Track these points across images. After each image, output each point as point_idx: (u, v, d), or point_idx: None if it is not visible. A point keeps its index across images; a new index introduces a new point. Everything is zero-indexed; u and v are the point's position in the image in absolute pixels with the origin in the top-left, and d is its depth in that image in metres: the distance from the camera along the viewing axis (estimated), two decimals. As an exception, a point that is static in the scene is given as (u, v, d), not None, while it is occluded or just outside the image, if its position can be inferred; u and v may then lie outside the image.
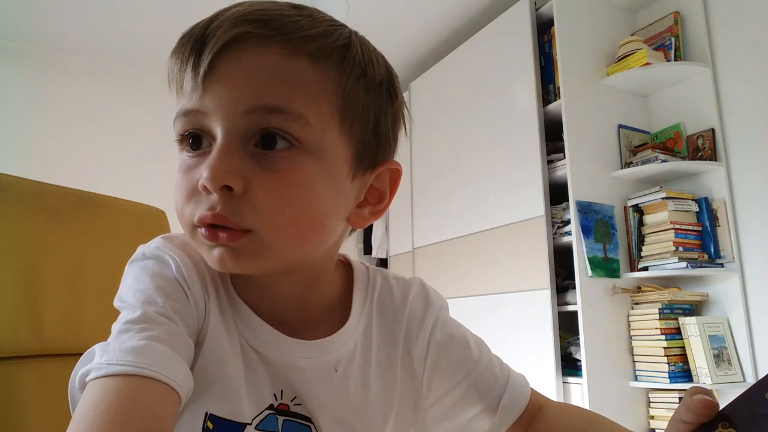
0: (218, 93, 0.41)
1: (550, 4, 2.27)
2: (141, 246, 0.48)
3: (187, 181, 0.43)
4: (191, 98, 0.43)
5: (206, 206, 0.41)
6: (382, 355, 0.53)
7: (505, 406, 0.54)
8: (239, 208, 0.41)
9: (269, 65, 0.41)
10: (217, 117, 0.42)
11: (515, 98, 2.36)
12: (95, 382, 0.37)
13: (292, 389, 0.48)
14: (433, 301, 0.57)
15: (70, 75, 3.02)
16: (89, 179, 1.71)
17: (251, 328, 0.48)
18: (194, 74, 0.42)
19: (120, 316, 0.42)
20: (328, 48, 0.43)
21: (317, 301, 0.51)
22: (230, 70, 0.41)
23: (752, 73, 2.06)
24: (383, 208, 0.51)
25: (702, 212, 2.08)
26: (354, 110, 0.45)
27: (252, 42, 0.41)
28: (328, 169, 0.44)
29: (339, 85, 0.44)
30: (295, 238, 0.44)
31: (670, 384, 1.91)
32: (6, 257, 0.63)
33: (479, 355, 0.56)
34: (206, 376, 0.45)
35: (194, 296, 0.45)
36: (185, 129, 0.44)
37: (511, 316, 2.24)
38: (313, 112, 0.42)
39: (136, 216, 0.80)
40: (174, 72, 0.45)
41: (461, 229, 2.58)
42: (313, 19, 0.44)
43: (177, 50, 0.45)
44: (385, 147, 0.49)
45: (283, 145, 0.41)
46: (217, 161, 0.40)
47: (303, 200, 0.42)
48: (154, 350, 0.38)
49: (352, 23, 0.50)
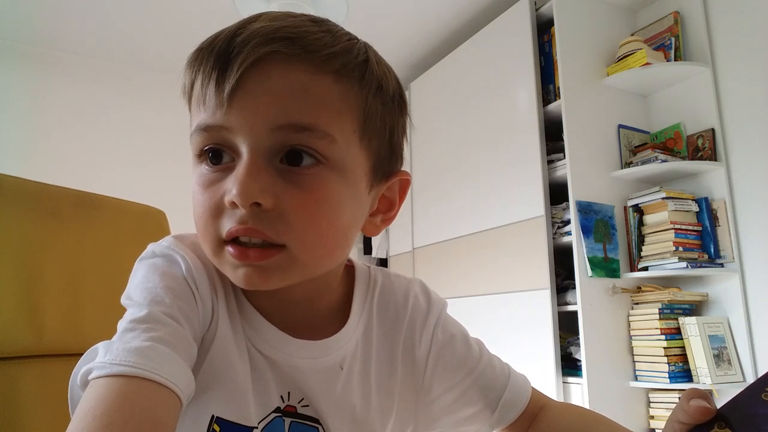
0: (244, 110, 0.41)
1: (550, 4, 2.27)
2: (151, 244, 0.48)
3: (210, 197, 0.43)
4: (214, 114, 0.42)
5: (236, 221, 0.41)
6: (383, 352, 0.54)
7: (505, 405, 0.55)
8: (272, 223, 0.41)
9: (295, 83, 0.41)
10: (243, 134, 0.41)
11: (515, 98, 2.36)
12: (97, 381, 0.37)
13: (299, 391, 0.48)
14: (435, 301, 0.58)
15: (70, 75, 3.02)
16: (89, 179, 1.71)
17: (257, 331, 0.48)
18: (219, 90, 0.41)
19: (126, 314, 0.42)
20: (350, 65, 0.44)
21: (324, 304, 0.52)
22: (257, 88, 0.41)
23: (752, 73, 2.06)
24: (393, 215, 0.52)
25: (702, 212, 2.08)
26: (373, 125, 0.46)
27: (278, 60, 0.41)
28: (351, 184, 0.45)
29: (360, 101, 0.45)
30: (323, 254, 0.45)
31: (670, 384, 1.91)
32: (6, 257, 0.63)
33: (480, 354, 0.57)
34: (213, 378, 0.45)
35: (202, 297, 0.45)
36: (206, 144, 0.43)
37: (511, 316, 2.24)
38: (337, 128, 0.43)
39: (136, 216, 0.80)
40: (194, 85, 0.44)
41: (461, 229, 2.58)
42: (334, 34, 0.44)
43: (197, 62, 0.43)
44: (398, 158, 0.51)
45: (309, 161, 0.42)
46: (246, 177, 0.40)
47: (331, 216, 0.43)
48: (157, 352, 0.38)
49: (352, 23, 0.50)
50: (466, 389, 0.55)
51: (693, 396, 0.36)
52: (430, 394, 0.55)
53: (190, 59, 0.44)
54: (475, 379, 0.55)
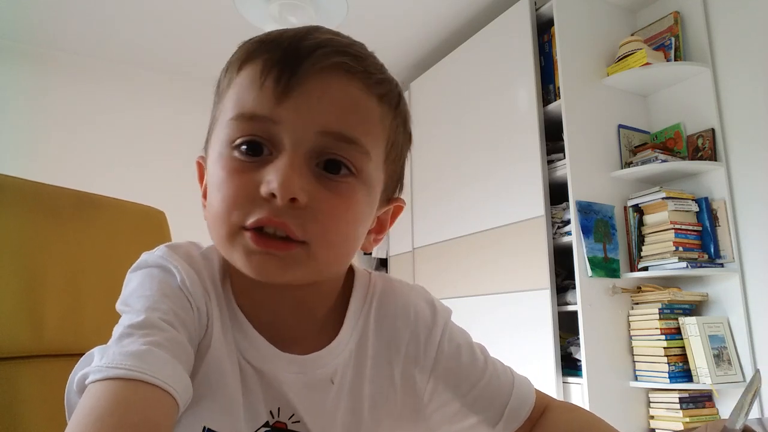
0: (299, 108, 0.43)
1: (550, 4, 2.27)
2: (145, 253, 0.48)
3: (241, 184, 0.43)
4: (266, 105, 0.43)
5: (269, 212, 0.41)
6: (379, 363, 0.53)
7: (510, 413, 0.54)
8: (303, 220, 0.42)
9: (351, 97, 0.45)
10: (291, 130, 0.43)
11: (515, 98, 2.36)
12: (93, 385, 0.36)
13: (289, 406, 0.48)
14: (440, 311, 0.57)
15: (70, 75, 3.02)
16: (89, 179, 1.71)
17: (248, 341, 0.48)
18: (278, 83, 0.43)
19: (122, 320, 0.42)
20: (391, 93, 0.48)
21: (319, 312, 0.52)
22: (317, 91, 0.43)
23: (752, 73, 2.06)
24: (382, 237, 0.54)
25: (702, 212, 2.08)
26: (395, 151, 0.50)
27: (342, 72, 0.44)
28: (371, 200, 0.48)
29: (392, 127, 0.49)
30: (339, 255, 0.47)
31: (670, 384, 1.91)
32: (6, 257, 0.63)
33: (485, 364, 0.56)
34: (207, 388, 0.44)
35: (198, 306, 0.45)
36: (248, 133, 0.43)
37: (511, 316, 2.24)
38: (373, 147, 0.46)
39: (136, 216, 0.80)
40: (244, 71, 0.45)
41: (461, 229, 2.58)
42: (378, 63, 0.49)
43: (257, 51, 0.45)
44: (402, 186, 0.55)
45: (345, 171, 0.45)
46: (290, 172, 0.41)
47: (355, 224, 0.46)
48: (154, 356, 0.38)
49: (352, 23, 0.51)
50: (471, 399, 0.54)
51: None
52: (433, 404, 0.54)
53: (246, 47, 0.46)
54: (480, 389, 0.54)
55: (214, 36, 2.82)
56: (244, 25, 2.46)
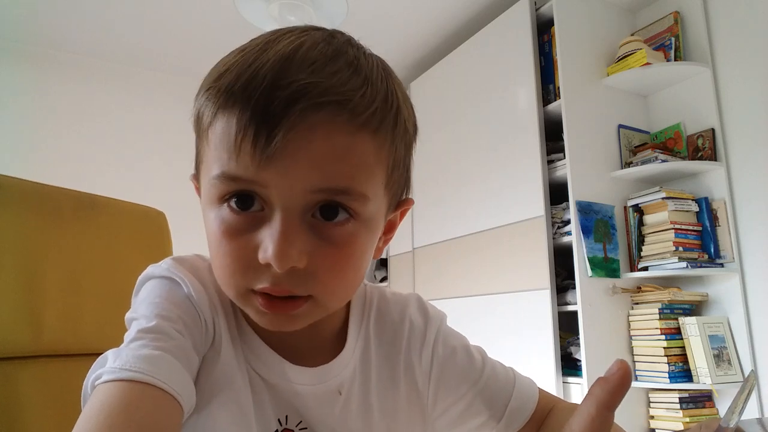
0: (283, 172, 0.39)
1: (550, 4, 2.27)
2: (151, 266, 0.49)
3: (238, 249, 0.42)
4: (247, 168, 0.39)
5: (269, 281, 0.41)
6: (383, 374, 0.53)
7: (512, 413, 0.55)
8: (303, 281, 0.42)
9: (338, 146, 0.40)
10: (278, 192, 0.40)
11: (515, 98, 2.36)
12: (104, 385, 0.37)
13: (297, 414, 0.48)
14: (432, 315, 0.58)
15: (70, 75, 3.02)
16: (89, 179, 1.71)
17: (257, 354, 0.49)
18: (255, 148, 0.39)
19: (132, 326, 0.43)
20: (386, 119, 0.43)
21: (325, 330, 0.52)
22: (298, 152, 0.39)
23: (752, 73, 2.06)
24: (392, 236, 0.54)
25: (702, 212, 2.08)
26: (397, 171, 0.48)
27: (324, 123, 0.39)
28: (374, 232, 0.47)
29: (391, 152, 0.45)
30: (346, 297, 0.49)
31: (670, 384, 1.91)
32: (6, 257, 0.63)
33: (483, 364, 0.56)
34: (218, 397, 0.45)
35: (205, 318, 0.46)
36: (234, 190, 0.41)
37: (511, 316, 2.24)
38: (370, 187, 0.43)
39: (136, 217, 0.80)
40: (215, 125, 0.41)
41: (461, 229, 2.58)
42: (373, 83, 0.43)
43: (227, 105, 0.40)
44: (409, 188, 0.52)
45: (342, 216, 0.42)
46: (284, 242, 0.40)
47: (357, 267, 0.45)
48: (165, 361, 0.39)
49: (352, 23, 0.50)
50: (471, 401, 0.55)
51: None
52: (436, 409, 0.55)
53: (213, 95, 0.41)
54: (479, 391, 0.55)
55: (214, 36, 2.82)
56: (244, 25, 2.46)
